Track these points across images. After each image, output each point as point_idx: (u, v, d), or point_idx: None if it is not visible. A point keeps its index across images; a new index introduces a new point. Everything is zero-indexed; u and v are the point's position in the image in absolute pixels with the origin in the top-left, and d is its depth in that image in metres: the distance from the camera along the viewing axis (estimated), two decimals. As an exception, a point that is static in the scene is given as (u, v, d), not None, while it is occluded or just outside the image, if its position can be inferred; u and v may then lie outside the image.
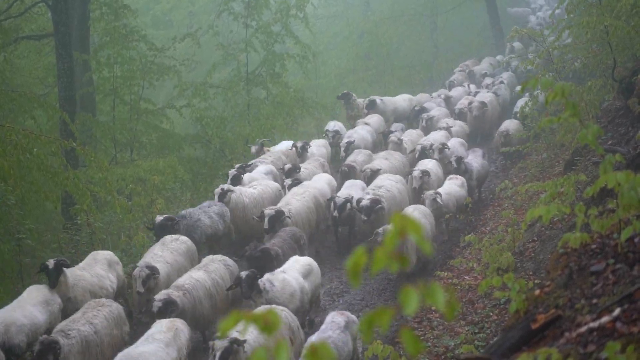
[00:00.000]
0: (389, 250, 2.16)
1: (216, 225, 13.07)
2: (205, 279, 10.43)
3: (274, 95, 24.24)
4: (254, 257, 10.90)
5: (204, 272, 10.59)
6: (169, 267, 11.19)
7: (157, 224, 12.40)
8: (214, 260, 11.06)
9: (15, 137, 12.33)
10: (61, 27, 17.04)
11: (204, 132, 21.93)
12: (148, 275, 10.46)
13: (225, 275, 10.76)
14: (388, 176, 14.53)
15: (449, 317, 2.35)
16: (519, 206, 13.52)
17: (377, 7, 38.17)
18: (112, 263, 11.45)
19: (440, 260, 13.04)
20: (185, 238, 12.05)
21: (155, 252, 11.45)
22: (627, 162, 8.06)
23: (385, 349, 6.70)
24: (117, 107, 21.24)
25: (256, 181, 14.68)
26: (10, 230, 13.10)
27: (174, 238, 11.89)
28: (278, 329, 2.16)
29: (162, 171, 17.00)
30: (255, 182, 14.62)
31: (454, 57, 32.30)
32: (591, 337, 3.84)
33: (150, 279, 10.51)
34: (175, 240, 11.85)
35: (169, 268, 11.16)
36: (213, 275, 10.62)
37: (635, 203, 3.85)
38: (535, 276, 9.54)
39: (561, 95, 4.12)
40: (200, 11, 34.86)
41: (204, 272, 10.59)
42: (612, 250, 4.70)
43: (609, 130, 11.77)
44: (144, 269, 10.50)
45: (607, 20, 11.92)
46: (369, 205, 12.75)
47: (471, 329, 9.81)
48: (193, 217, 12.87)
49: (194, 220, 12.82)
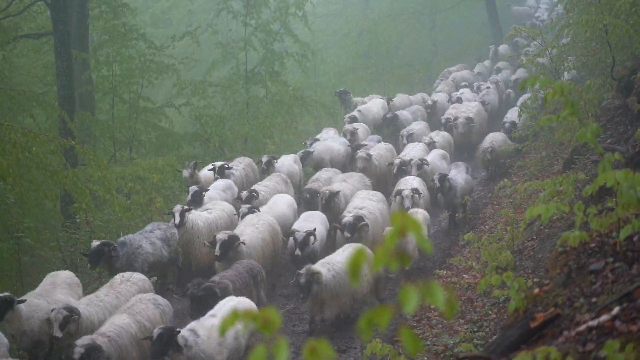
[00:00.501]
0: (389, 249, 2.16)
1: (159, 252, 11.96)
2: (131, 324, 9.09)
3: (273, 93, 24.25)
4: (196, 297, 9.55)
5: (129, 316, 9.22)
6: (106, 312, 9.77)
7: (92, 249, 11.17)
8: (142, 300, 9.63)
9: (14, 135, 12.33)
10: (60, 26, 17.03)
11: (203, 130, 21.95)
12: (66, 317, 9.14)
13: (155, 317, 9.41)
14: (368, 195, 13.46)
15: (448, 315, 2.35)
16: (518, 205, 13.52)
17: (376, 5, 38.19)
18: (73, 285, 10.68)
19: (439, 258, 13.05)
20: (140, 277, 10.60)
21: (99, 294, 10.12)
22: (626, 160, 8.06)
23: (384, 348, 6.69)
24: (116, 105, 21.26)
25: (211, 202, 13.56)
26: (9, 229, 13.09)
27: (124, 278, 10.43)
28: (277, 328, 2.16)
29: (161, 170, 17.01)
30: (210, 203, 13.56)
31: (453, 56, 32.33)
32: (590, 336, 3.85)
33: (69, 322, 9.18)
34: (125, 282, 10.35)
35: (105, 314, 9.74)
36: (139, 317, 9.26)
37: (634, 202, 3.85)
38: (534, 275, 9.54)
39: (560, 94, 4.12)
40: (199, 9, 34.85)
41: (128, 316, 9.22)
42: (611, 249, 4.71)
43: (608, 129, 11.77)
44: (61, 310, 9.17)
45: (606, 18, 11.92)
46: (352, 222, 11.81)
47: (470, 328, 9.81)
48: (133, 244, 11.68)
49: (135, 248, 11.66)
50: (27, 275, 13.05)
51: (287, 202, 13.74)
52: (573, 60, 15.72)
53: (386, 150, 16.96)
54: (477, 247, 11.16)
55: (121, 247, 11.53)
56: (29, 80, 22.76)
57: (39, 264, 13.73)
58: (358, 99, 22.88)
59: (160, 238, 12.06)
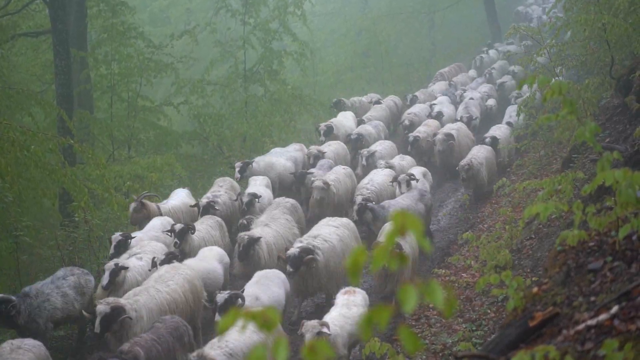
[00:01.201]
0: (388, 248, 2.16)
1: (71, 304, 10.30)
2: None
3: (271, 92, 24.25)
4: None
5: None
6: None
7: None
8: None
9: (12, 134, 12.32)
10: (58, 24, 17.00)
11: (202, 129, 21.94)
12: None
13: None
14: (328, 221, 11.76)
15: (447, 314, 2.35)
16: (516, 204, 13.53)
17: (375, 4, 38.21)
18: None
19: (438, 257, 13.05)
20: (32, 344, 8.61)
21: None
22: (625, 159, 8.06)
23: (383, 347, 6.70)
24: (114, 104, 21.24)
25: (139, 243, 11.60)
26: (7, 228, 13.08)
27: (14, 346, 8.47)
28: (277, 326, 2.15)
29: (160, 168, 16.99)
30: (138, 245, 11.59)
31: (452, 55, 32.36)
32: (589, 335, 3.85)
33: None
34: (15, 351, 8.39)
35: None
36: None
37: (633, 201, 3.85)
38: (533, 274, 9.55)
39: (559, 93, 4.12)
40: (198, 8, 34.85)
41: None
42: (610, 248, 4.71)
43: (606, 128, 11.78)
44: None
45: (605, 17, 11.92)
46: (296, 255, 10.32)
47: (469, 327, 9.82)
48: (39, 297, 10.00)
49: (41, 301, 10.00)
50: (26, 274, 13.04)
51: (217, 256, 11.28)
52: (571, 59, 15.73)
53: (345, 176, 14.84)
54: (475, 246, 11.18)
55: (23, 300, 9.87)
56: (28, 78, 22.72)
57: (38, 263, 13.72)
58: (354, 99, 22.88)
59: (74, 286, 10.42)
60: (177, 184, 18.51)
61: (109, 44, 20.81)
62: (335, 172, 14.93)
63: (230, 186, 14.57)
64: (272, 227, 12.16)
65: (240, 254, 11.20)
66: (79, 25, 20.04)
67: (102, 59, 21.00)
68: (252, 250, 11.27)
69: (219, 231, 12.62)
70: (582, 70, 16.78)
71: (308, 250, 10.46)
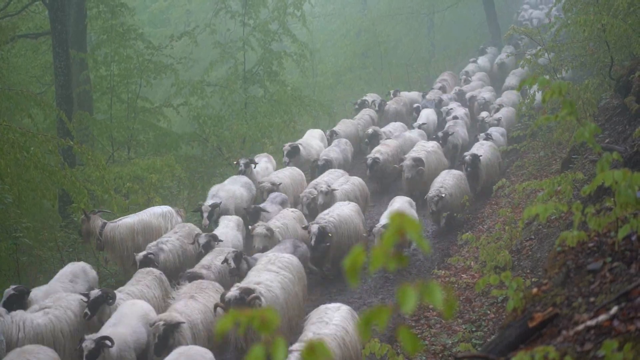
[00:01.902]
0: (387, 249, 2.15)
1: None
2: None
3: (271, 93, 24.25)
4: None
5: None
6: None
7: None
8: None
9: (12, 135, 12.32)
10: (58, 26, 17.00)
11: (201, 130, 21.93)
12: None
13: None
14: (269, 261, 9.97)
15: (447, 315, 2.35)
16: (516, 204, 13.53)
17: (374, 5, 38.25)
18: None
19: (438, 258, 13.05)
20: None
21: None
22: (624, 160, 8.06)
23: (383, 347, 6.70)
24: (114, 105, 21.24)
25: (52, 296, 9.68)
26: (7, 229, 13.07)
27: None
28: (276, 327, 2.15)
29: (160, 169, 16.98)
30: (50, 297, 9.65)
31: (451, 55, 32.39)
32: (588, 336, 3.85)
33: None
34: None
35: None
36: None
37: (632, 201, 3.85)
38: (532, 274, 9.56)
39: (558, 94, 4.12)
40: (198, 9, 34.84)
41: None
42: (609, 249, 4.71)
43: (606, 129, 11.79)
44: None
45: (605, 18, 11.93)
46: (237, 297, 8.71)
47: (469, 327, 9.82)
48: None
49: None
50: (26, 275, 13.03)
51: (138, 315, 9.19)
52: (570, 59, 15.74)
53: (294, 220, 12.99)
54: (475, 247, 11.18)
55: None
56: (27, 80, 22.71)
57: (37, 264, 13.70)
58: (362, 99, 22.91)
59: None
60: (176, 185, 18.52)
61: (109, 45, 20.81)
62: (284, 216, 12.99)
63: (187, 233, 12.28)
64: (199, 299, 9.52)
65: (156, 348, 8.69)
66: (79, 27, 20.04)
67: (101, 60, 21.00)
68: (172, 340, 8.75)
69: (159, 289, 10.35)
70: (581, 70, 16.79)
71: (248, 291, 8.92)
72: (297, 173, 16.03)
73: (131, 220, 12.57)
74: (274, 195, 14.32)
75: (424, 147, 16.47)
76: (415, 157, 15.43)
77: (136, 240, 12.33)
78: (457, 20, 36.39)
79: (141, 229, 12.44)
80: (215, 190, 14.49)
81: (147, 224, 12.57)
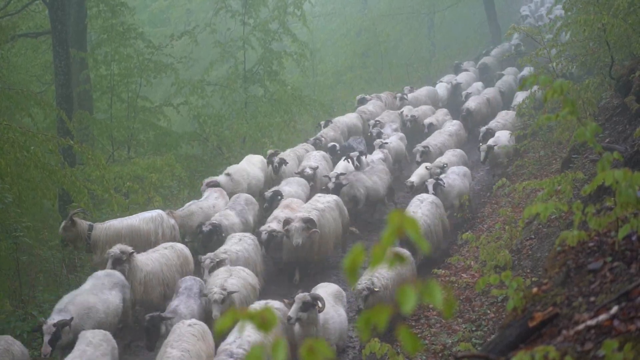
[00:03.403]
0: (387, 248, 2.15)
1: None
2: None
3: (271, 92, 24.26)
4: None
5: None
6: None
7: None
8: None
9: (12, 134, 12.31)
10: (58, 25, 16.99)
11: (201, 129, 21.94)
12: None
13: None
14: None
15: (447, 315, 2.35)
16: (516, 204, 13.53)
17: (374, 4, 38.26)
18: None
19: (438, 258, 13.04)
20: None
21: None
22: (625, 159, 8.06)
23: (383, 347, 6.70)
24: (114, 104, 21.24)
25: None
26: (7, 228, 13.07)
27: None
28: (275, 326, 2.15)
29: (160, 169, 16.98)
30: None
31: (452, 54, 32.38)
32: (589, 335, 3.84)
33: None
34: None
35: None
36: None
37: (632, 201, 3.85)
38: (532, 274, 9.55)
39: (559, 93, 4.11)
40: (198, 8, 34.86)
41: None
42: (609, 248, 4.70)
43: (606, 128, 11.79)
44: None
45: (605, 18, 11.92)
46: None
47: (469, 327, 9.82)
48: None
49: None
50: (26, 274, 13.03)
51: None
52: (570, 58, 15.73)
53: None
54: (475, 247, 11.18)
55: None
56: (27, 79, 22.72)
57: (38, 264, 13.71)
58: None
59: None
60: (177, 185, 18.51)
61: (109, 45, 20.81)
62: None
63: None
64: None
65: None
66: (79, 26, 20.04)
67: (101, 59, 21.00)
68: None
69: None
70: (581, 70, 16.78)
71: None
72: None
73: (118, 225, 12.17)
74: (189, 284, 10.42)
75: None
76: (305, 218, 12.11)
77: (124, 243, 11.70)
78: (458, 19, 36.39)
79: (128, 233, 12.06)
80: None
81: (135, 228, 12.19)
